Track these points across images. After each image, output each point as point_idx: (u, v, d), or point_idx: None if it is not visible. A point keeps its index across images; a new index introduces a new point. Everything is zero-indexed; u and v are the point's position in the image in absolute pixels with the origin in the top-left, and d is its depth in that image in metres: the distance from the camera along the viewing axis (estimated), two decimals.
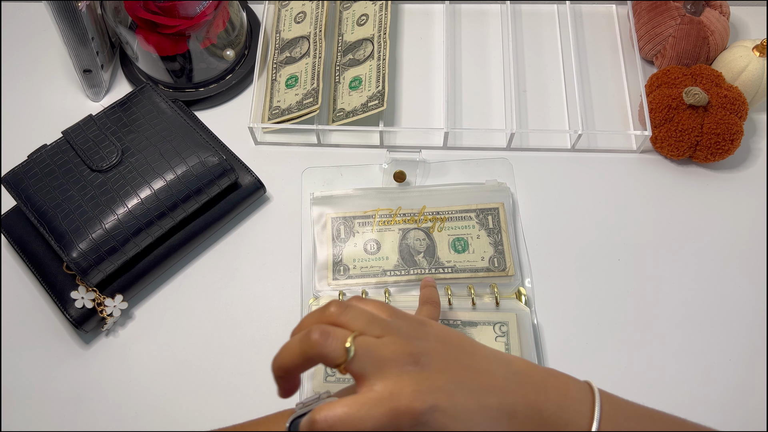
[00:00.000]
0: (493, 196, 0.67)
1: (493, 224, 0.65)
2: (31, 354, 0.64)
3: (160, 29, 0.69)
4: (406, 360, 0.38)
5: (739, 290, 0.66)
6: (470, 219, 0.65)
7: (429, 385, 0.37)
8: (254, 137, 0.74)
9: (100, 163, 0.63)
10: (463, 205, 0.66)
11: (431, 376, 0.38)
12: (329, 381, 0.58)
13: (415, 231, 0.65)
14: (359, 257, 0.64)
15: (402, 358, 0.38)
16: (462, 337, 0.42)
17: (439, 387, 0.38)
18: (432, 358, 0.39)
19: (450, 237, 0.65)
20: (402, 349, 0.38)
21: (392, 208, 0.66)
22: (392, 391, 0.37)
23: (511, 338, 0.60)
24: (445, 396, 0.37)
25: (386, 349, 0.38)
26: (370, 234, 0.65)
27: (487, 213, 0.66)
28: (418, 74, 0.78)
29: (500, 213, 0.66)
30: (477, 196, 0.67)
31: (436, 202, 0.67)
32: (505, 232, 0.65)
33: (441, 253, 0.64)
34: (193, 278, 0.68)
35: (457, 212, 0.66)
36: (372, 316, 0.40)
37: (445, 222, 0.66)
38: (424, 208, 0.66)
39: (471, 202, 0.67)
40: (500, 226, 0.65)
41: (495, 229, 0.65)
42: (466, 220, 0.65)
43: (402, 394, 0.37)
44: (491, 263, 0.64)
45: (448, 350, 0.40)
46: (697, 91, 0.67)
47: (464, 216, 0.66)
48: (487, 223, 0.65)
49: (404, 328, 0.40)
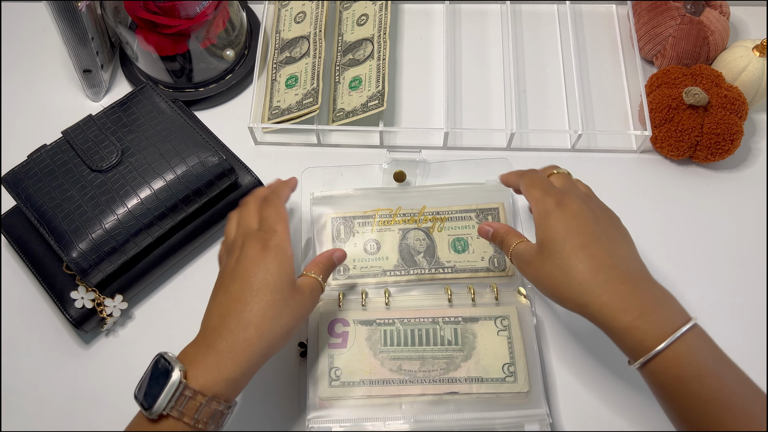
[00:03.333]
0: (493, 196, 0.67)
1: None
2: (31, 354, 0.64)
3: (160, 29, 0.69)
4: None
5: (739, 290, 0.66)
6: (470, 219, 0.65)
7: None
8: (254, 137, 0.74)
9: (100, 163, 0.63)
10: (464, 205, 0.66)
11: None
12: (333, 386, 0.58)
13: (415, 231, 0.65)
14: (359, 257, 0.64)
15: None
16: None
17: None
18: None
19: (450, 237, 0.65)
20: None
21: (392, 208, 0.66)
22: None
23: (512, 332, 0.60)
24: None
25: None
26: (370, 234, 0.65)
27: (487, 213, 0.66)
28: (418, 74, 0.78)
29: (500, 213, 0.66)
30: (477, 196, 0.67)
31: (436, 202, 0.67)
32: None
33: (441, 253, 0.64)
34: (193, 278, 0.68)
35: (457, 212, 0.66)
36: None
37: (445, 222, 0.65)
38: (424, 208, 0.66)
39: (471, 202, 0.67)
40: None
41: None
42: (466, 220, 0.65)
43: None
44: (491, 263, 0.64)
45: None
46: (697, 91, 0.67)
47: (464, 216, 0.66)
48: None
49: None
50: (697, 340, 0.47)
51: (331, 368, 0.59)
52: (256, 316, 0.49)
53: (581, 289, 0.50)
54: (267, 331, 0.49)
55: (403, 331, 0.61)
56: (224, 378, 0.47)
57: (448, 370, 0.59)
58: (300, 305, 0.52)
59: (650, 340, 0.47)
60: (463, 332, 0.60)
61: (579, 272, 0.50)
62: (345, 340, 0.60)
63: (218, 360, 0.47)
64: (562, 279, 0.51)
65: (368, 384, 0.58)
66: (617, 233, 0.53)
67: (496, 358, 0.59)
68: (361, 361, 0.59)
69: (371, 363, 0.59)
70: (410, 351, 0.60)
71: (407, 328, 0.61)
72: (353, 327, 0.61)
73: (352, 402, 0.58)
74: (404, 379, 0.59)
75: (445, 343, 0.60)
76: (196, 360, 0.48)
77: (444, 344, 0.60)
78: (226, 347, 0.48)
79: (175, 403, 0.46)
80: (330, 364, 0.59)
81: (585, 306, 0.50)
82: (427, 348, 0.60)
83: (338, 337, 0.60)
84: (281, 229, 0.54)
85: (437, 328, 0.61)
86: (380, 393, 0.58)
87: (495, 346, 0.60)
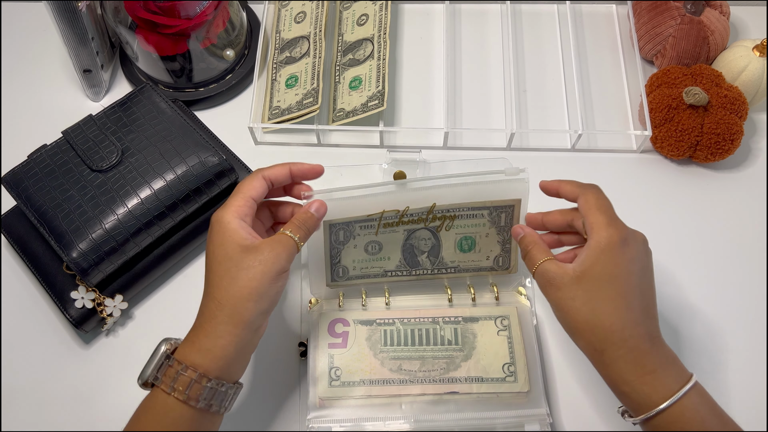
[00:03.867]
0: (509, 190, 0.60)
1: (506, 222, 0.61)
2: (32, 354, 0.64)
3: (160, 29, 0.69)
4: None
5: (740, 290, 0.66)
6: (482, 217, 0.61)
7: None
8: (254, 137, 0.74)
9: (100, 163, 0.63)
10: (477, 202, 0.60)
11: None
12: (334, 386, 0.58)
13: (422, 231, 0.62)
14: (359, 258, 0.63)
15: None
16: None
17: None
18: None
19: (457, 236, 0.62)
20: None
21: (399, 209, 0.60)
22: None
23: (512, 332, 0.60)
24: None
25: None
26: (372, 236, 0.61)
27: (501, 210, 0.61)
28: (418, 74, 0.78)
29: (515, 211, 0.61)
30: (492, 190, 0.60)
31: (446, 199, 0.60)
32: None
33: (446, 253, 0.62)
34: (193, 278, 0.68)
35: (468, 209, 0.61)
36: None
37: (455, 220, 0.61)
38: (433, 206, 0.60)
39: (486, 198, 0.60)
40: (512, 224, 0.61)
41: (506, 227, 0.61)
42: (478, 218, 0.61)
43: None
44: (495, 263, 0.63)
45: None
46: (697, 90, 0.67)
47: (476, 214, 0.61)
48: (499, 220, 0.61)
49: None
50: (699, 398, 0.48)
51: (331, 368, 0.59)
52: (211, 287, 0.51)
53: (604, 336, 0.49)
54: (224, 298, 0.50)
55: (403, 331, 0.60)
56: (198, 348, 0.49)
57: (448, 369, 0.59)
58: (259, 264, 0.50)
59: (658, 395, 0.47)
60: (463, 332, 0.60)
61: (609, 321, 0.49)
62: (345, 340, 0.60)
63: (194, 333, 0.50)
64: (589, 318, 0.49)
65: (368, 384, 0.58)
66: (651, 287, 0.52)
67: (496, 357, 0.59)
68: (361, 361, 0.59)
69: (371, 363, 0.59)
70: (410, 351, 0.60)
71: (407, 328, 0.61)
72: (353, 327, 0.61)
73: (353, 402, 0.58)
74: (404, 379, 0.59)
75: (445, 343, 0.60)
76: (186, 338, 0.51)
77: (444, 344, 0.60)
78: (198, 323, 0.51)
79: (158, 371, 0.49)
80: (330, 364, 0.59)
81: (601, 352, 0.49)
82: (427, 348, 0.60)
83: (338, 337, 0.60)
84: (233, 202, 0.53)
85: (437, 328, 0.61)
86: (380, 393, 0.58)
87: (495, 346, 0.60)
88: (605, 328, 0.49)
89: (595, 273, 0.49)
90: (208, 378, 0.48)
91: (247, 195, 0.53)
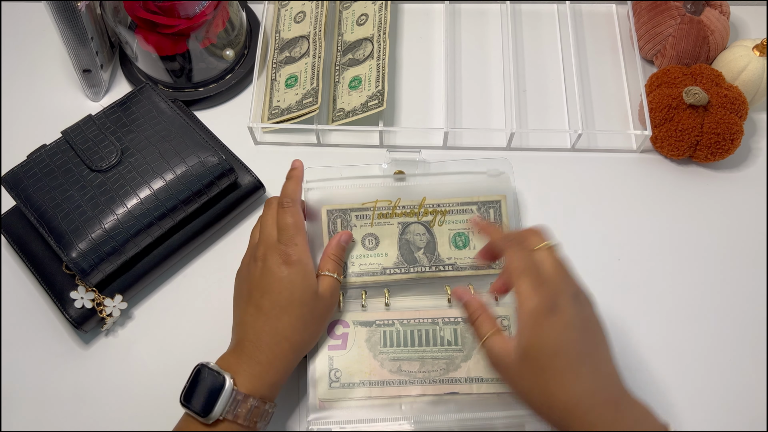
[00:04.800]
0: (494, 187, 0.65)
1: (495, 218, 0.64)
2: (31, 354, 0.64)
3: (160, 29, 0.69)
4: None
5: (739, 290, 0.66)
6: (471, 213, 0.64)
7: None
8: (254, 137, 0.74)
9: (100, 163, 0.63)
10: (464, 198, 0.65)
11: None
12: (333, 387, 0.58)
13: (415, 225, 0.64)
14: (358, 253, 0.63)
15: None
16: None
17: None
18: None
19: (451, 232, 0.64)
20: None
21: (391, 200, 0.65)
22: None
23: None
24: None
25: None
26: (368, 228, 0.64)
27: (489, 206, 0.64)
28: (418, 74, 0.78)
29: (502, 206, 0.64)
30: (479, 187, 0.65)
31: (436, 194, 0.65)
32: (507, 227, 0.64)
33: (441, 250, 0.63)
34: (193, 278, 0.68)
35: (457, 205, 0.65)
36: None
37: (446, 215, 0.64)
38: (424, 200, 0.64)
39: (472, 194, 0.65)
40: (502, 220, 0.64)
41: (497, 223, 0.64)
42: (467, 214, 0.64)
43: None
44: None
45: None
46: (697, 90, 0.67)
47: (465, 209, 0.64)
48: (488, 216, 0.64)
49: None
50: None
51: (331, 370, 0.59)
52: (287, 330, 0.55)
53: (563, 415, 0.47)
54: (297, 342, 0.55)
55: (403, 332, 0.60)
56: (268, 383, 0.54)
57: (448, 370, 0.59)
58: (324, 310, 0.58)
59: None
60: (463, 332, 0.60)
61: (564, 397, 0.47)
62: (345, 341, 0.60)
63: (261, 370, 0.54)
64: (544, 400, 0.48)
65: (368, 385, 0.58)
66: (600, 342, 0.49)
67: None
68: (361, 363, 0.59)
69: (371, 364, 0.59)
70: (410, 352, 0.60)
71: (407, 328, 0.61)
72: (353, 328, 0.61)
73: (353, 403, 0.58)
74: (404, 379, 0.59)
75: (444, 344, 0.60)
76: (241, 369, 0.54)
77: (444, 345, 0.60)
78: (266, 359, 0.54)
79: (230, 407, 0.52)
80: (330, 365, 0.59)
81: (569, 428, 0.47)
82: (426, 348, 0.60)
83: (338, 339, 0.60)
84: (300, 241, 0.57)
85: (437, 329, 0.61)
86: (380, 394, 0.58)
87: None
88: (561, 407, 0.47)
89: (535, 349, 0.47)
90: (274, 404, 0.55)
91: (303, 229, 0.58)
